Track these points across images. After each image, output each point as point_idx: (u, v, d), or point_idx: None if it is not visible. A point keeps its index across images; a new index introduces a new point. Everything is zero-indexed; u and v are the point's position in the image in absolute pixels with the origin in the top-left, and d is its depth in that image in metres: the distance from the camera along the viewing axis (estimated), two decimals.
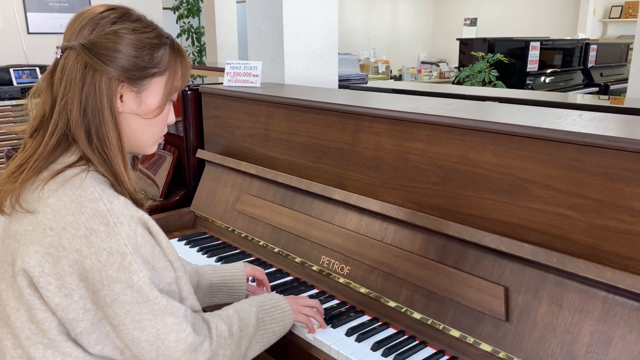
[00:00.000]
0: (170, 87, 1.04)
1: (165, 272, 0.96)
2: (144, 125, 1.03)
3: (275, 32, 2.31)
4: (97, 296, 0.88)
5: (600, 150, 1.04)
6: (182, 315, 0.94)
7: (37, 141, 0.95)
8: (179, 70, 1.05)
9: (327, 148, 1.63)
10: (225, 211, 1.92)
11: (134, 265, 0.89)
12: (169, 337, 0.93)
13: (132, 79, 0.97)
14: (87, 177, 0.91)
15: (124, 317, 0.89)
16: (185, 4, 6.90)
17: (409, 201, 1.41)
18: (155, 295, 0.91)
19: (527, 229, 1.18)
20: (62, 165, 0.93)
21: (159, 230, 0.97)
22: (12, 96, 4.29)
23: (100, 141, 0.95)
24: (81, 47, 0.94)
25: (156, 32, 1.01)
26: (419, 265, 1.32)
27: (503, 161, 1.20)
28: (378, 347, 1.23)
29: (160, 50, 1.01)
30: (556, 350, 1.07)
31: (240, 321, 1.09)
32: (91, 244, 0.86)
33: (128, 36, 0.96)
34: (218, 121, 2.06)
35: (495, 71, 4.40)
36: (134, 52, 0.97)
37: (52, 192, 0.90)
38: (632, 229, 1.02)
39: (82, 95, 0.94)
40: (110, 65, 0.95)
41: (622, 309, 1.02)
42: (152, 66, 0.99)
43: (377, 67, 8.57)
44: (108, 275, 0.87)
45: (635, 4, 8.21)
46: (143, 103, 1.01)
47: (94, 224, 0.87)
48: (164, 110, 1.04)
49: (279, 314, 1.20)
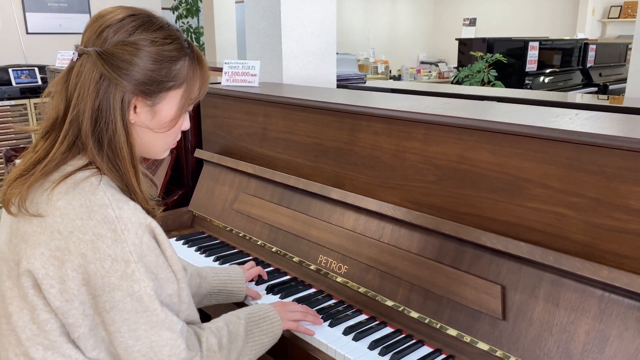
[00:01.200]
0: (187, 99, 1.01)
1: (168, 283, 0.95)
2: (156, 137, 1.01)
3: (273, 32, 2.31)
4: (97, 301, 0.88)
5: (596, 148, 1.05)
6: (179, 331, 0.94)
7: (48, 144, 0.94)
8: (197, 82, 1.01)
9: (324, 147, 1.63)
10: (223, 210, 1.92)
11: (137, 274, 0.88)
12: (163, 351, 0.92)
13: (147, 93, 0.95)
14: (98, 181, 0.90)
15: (120, 325, 0.89)
16: (185, 4, 6.91)
17: (407, 200, 1.41)
18: (154, 307, 0.90)
19: (523, 228, 1.18)
20: (73, 167, 0.92)
21: (165, 239, 0.96)
22: (11, 96, 4.29)
23: (112, 152, 0.94)
24: (98, 55, 0.91)
25: (177, 44, 0.97)
26: (416, 264, 1.33)
27: (500, 160, 1.20)
28: (375, 346, 1.23)
29: (179, 63, 0.97)
30: (553, 349, 1.07)
31: (229, 334, 1.08)
32: (97, 250, 0.86)
33: (147, 49, 0.93)
34: (216, 121, 2.06)
35: (494, 71, 4.41)
36: (151, 66, 0.94)
37: (62, 195, 0.89)
38: (628, 227, 1.02)
39: (95, 104, 0.92)
40: (125, 79, 0.92)
41: (618, 307, 1.02)
42: (169, 80, 0.96)
43: (376, 67, 8.57)
44: (110, 282, 0.87)
45: (634, 4, 8.22)
46: (157, 115, 0.98)
47: (102, 229, 0.87)
48: (178, 122, 1.02)
49: (268, 325, 1.18)
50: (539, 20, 8.85)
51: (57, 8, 5.05)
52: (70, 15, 5.13)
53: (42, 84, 4.40)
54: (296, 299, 1.45)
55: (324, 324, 1.32)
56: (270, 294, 1.48)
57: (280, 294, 1.47)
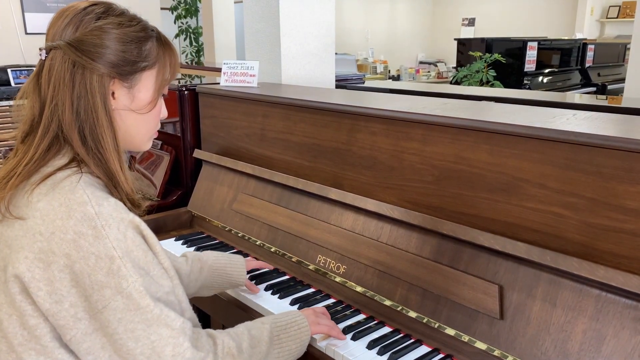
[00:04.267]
0: (161, 80, 1.03)
1: (162, 280, 0.92)
2: (137, 121, 1.01)
3: (272, 32, 2.32)
4: (89, 302, 0.86)
5: (593, 149, 1.05)
6: (179, 328, 0.90)
7: (28, 145, 0.93)
8: (167, 62, 1.03)
9: (323, 148, 1.63)
10: (222, 211, 1.92)
11: (123, 269, 0.86)
12: (165, 351, 0.88)
13: (122, 74, 0.96)
14: (77, 180, 0.89)
15: (116, 326, 0.86)
16: (183, 4, 6.91)
17: (405, 200, 1.41)
18: (146, 303, 0.87)
19: (521, 228, 1.18)
20: (53, 168, 0.91)
21: (152, 235, 0.94)
22: (10, 97, 4.29)
23: (94, 141, 0.94)
24: (67, 45, 0.92)
25: (141, 25, 1.00)
26: (414, 264, 1.33)
27: (497, 160, 1.21)
28: (374, 345, 1.24)
29: (147, 44, 0.99)
30: (550, 348, 1.08)
31: (251, 338, 1.04)
32: (80, 248, 0.84)
33: (114, 31, 0.95)
34: (215, 121, 2.07)
35: (492, 71, 4.41)
36: (121, 47, 0.95)
37: (42, 197, 0.88)
38: (625, 227, 1.03)
39: (74, 95, 0.92)
40: (99, 62, 0.93)
41: (615, 307, 1.03)
42: (141, 60, 0.98)
43: (375, 67, 8.58)
44: (97, 279, 0.85)
45: (632, 4, 8.22)
46: (135, 98, 1.00)
47: (82, 227, 0.85)
48: (157, 104, 1.03)
49: (295, 330, 1.13)
50: (538, 20, 8.86)
51: (56, 8, 5.04)
52: None
53: None
54: (295, 298, 1.45)
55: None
56: (269, 293, 1.49)
57: (279, 294, 1.48)
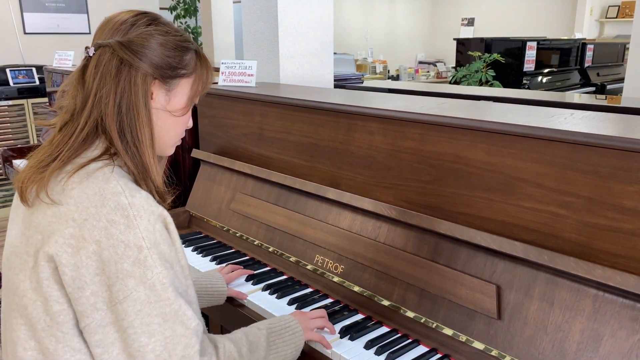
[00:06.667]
0: (196, 89, 1.08)
1: (183, 277, 0.95)
2: (168, 123, 1.06)
3: (270, 32, 2.32)
4: (111, 292, 0.88)
5: (590, 148, 1.05)
6: (193, 329, 0.91)
7: (67, 133, 0.98)
8: (203, 75, 1.09)
9: (321, 147, 1.63)
10: (220, 210, 1.92)
11: (149, 260, 0.89)
12: (176, 349, 0.90)
13: (163, 77, 1.02)
14: (111, 170, 0.94)
15: (134, 318, 0.88)
16: (182, 4, 6.91)
17: (402, 200, 1.41)
18: (167, 295, 0.89)
19: (518, 227, 1.18)
20: (86, 159, 0.95)
21: (175, 231, 0.98)
22: (8, 96, 4.29)
23: (132, 134, 0.98)
24: (118, 43, 0.98)
25: (184, 37, 1.07)
26: (412, 263, 1.33)
27: (495, 160, 1.21)
28: (371, 345, 1.24)
29: (188, 54, 1.05)
30: (547, 348, 1.08)
31: (249, 344, 1.07)
32: (110, 236, 0.88)
33: (161, 37, 1.01)
34: (213, 120, 2.07)
35: (492, 71, 4.41)
36: (166, 52, 1.01)
37: (75, 185, 0.92)
38: (622, 226, 1.03)
39: (118, 89, 0.97)
40: (144, 62, 0.98)
41: (612, 307, 1.02)
42: (181, 67, 1.04)
43: (374, 67, 8.57)
44: (123, 268, 0.87)
45: (632, 4, 8.22)
46: (171, 102, 1.05)
47: (115, 216, 0.89)
48: (187, 112, 1.09)
49: (290, 335, 1.17)
50: (537, 20, 8.86)
51: (54, 8, 5.05)
52: (67, 15, 5.13)
53: (40, 84, 4.39)
54: (292, 298, 1.45)
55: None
56: (267, 293, 1.49)
57: (276, 294, 1.48)
